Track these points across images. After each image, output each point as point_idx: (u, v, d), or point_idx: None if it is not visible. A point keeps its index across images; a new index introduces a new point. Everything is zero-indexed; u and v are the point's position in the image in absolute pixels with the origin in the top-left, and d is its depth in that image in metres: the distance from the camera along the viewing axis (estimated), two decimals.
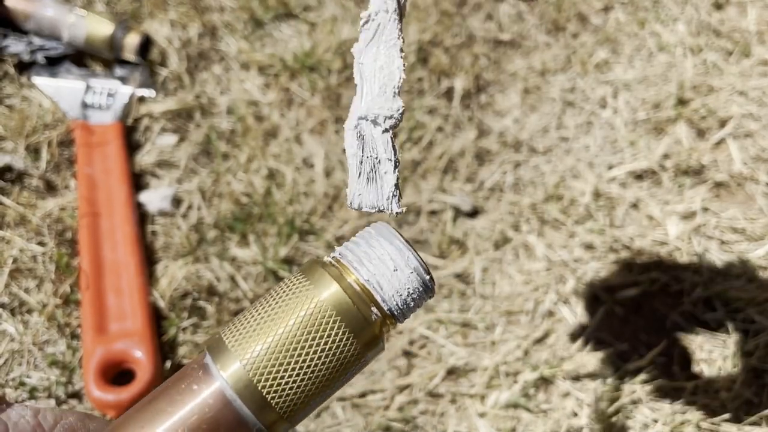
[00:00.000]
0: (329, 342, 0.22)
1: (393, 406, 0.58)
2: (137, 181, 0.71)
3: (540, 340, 0.62)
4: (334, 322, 0.22)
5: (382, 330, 0.24)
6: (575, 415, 0.57)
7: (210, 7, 0.89)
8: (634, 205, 0.71)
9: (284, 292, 0.23)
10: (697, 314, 0.63)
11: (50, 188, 0.69)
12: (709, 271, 0.66)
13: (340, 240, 0.67)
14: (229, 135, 0.76)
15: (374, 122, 0.25)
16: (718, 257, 0.67)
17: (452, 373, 0.60)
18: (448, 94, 0.82)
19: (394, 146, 0.25)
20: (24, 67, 0.78)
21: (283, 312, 0.23)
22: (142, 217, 0.68)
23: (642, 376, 0.59)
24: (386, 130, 0.25)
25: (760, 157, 0.75)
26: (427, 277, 0.24)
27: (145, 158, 0.74)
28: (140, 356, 0.55)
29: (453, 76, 0.83)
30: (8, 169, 0.69)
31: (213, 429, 0.22)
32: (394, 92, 0.25)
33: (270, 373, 0.22)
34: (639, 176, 0.74)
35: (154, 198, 0.69)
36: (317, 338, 0.22)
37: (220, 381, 0.22)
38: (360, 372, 0.24)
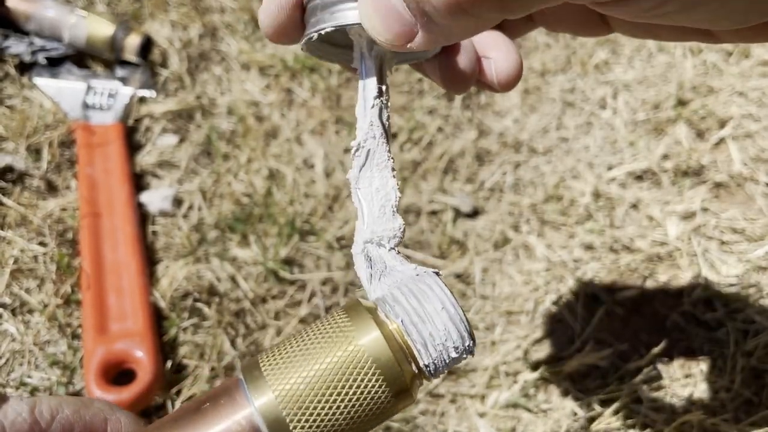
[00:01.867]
0: (362, 388, 0.22)
1: None
2: (138, 182, 0.71)
3: (540, 340, 0.62)
4: (371, 369, 0.22)
5: (414, 382, 0.24)
6: (575, 415, 0.57)
7: (210, 8, 0.90)
8: (634, 206, 0.72)
9: (325, 329, 0.23)
10: (697, 314, 0.64)
11: (51, 189, 0.69)
12: (709, 271, 0.66)
13: (340, 240, 0.67)
14: (229, 135, 0.76)
15: (379, 244, 0.27)
16: (717, 257, 0.67)
17: (452, 373, 0.60)
18: (449, 94, 0.82)
19: (401, 260, 0.26)
20: (25, 68, 0.78)
21: (321, 349, 0.23)
22: (142, 217, 0.68)
23: (642, 376, 0.59)
24: (392, 248, 0.27)
25: (760, 157, 0.75)
26: (469, 342, 0.24)
27: (145, 159, 0.74)
28: (141, 356, 0.55)
29: None
30: (9, 169, 0.69)
31: None
32: (393, 211, 0.27)
33: (300, 409, 0.22)
34: (639, 177, 0.74)
35: (155, 198, 0.69)
36: (351, 382, 0.22)
37: (251, 408, 0.22)
38: (386, 420, 0.24)
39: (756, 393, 0.59)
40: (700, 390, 0.59)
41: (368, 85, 0.28)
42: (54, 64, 0.79)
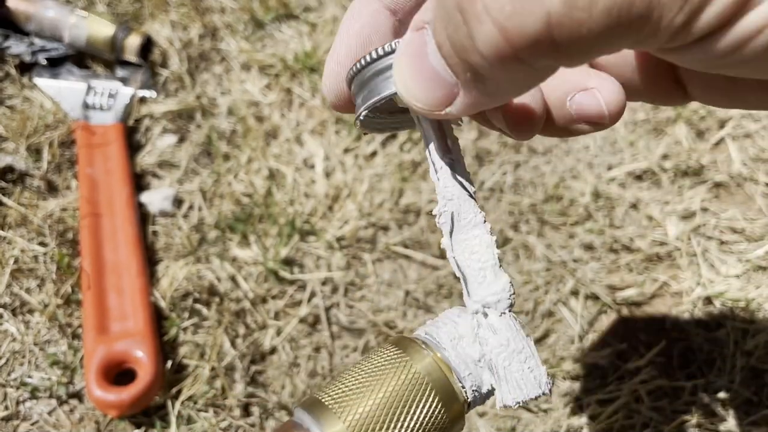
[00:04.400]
0: (423, 410, 0.24)
1: None
2: (138, 182, 0.71)
3: (540, 340, 0.62)
4: (429, 390, 0.24)
5: (464, 408, 0.25)
6: (575, 415, 0.57)
7: (211, 8, 0.90)
8: (634, 206, 0.72)
9: (379, 361, 0.25)
10: (697, 314, 0.64)
11: (51, 189, 0.69)
12: (709, 271, 0.66)
13: (340, 240, 0.67)
14: (229, 135, 0.76)
15: (485, 314, 0.25)
16: (717, 257, 0.67)
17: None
18: None
19: (517, 326, 0.24)
20: (25, 68, 0.79)
21: (381, 378, 0.24)
22: (143, 217, 0.68)
23: (642, 376, 0.59)
24: (502, 314, 0.24)
25: (760, 157, 0.75)
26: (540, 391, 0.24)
27: (146, 159, 0.74)
28: (141, 356, 0.56)
29: None
30: (10, 169, 0.69)
31: None
32: (495, 272, 0.25)
33: None
34: (638, 176, 0.74)
35: (155, 198, 0.69)
36: (413, 405, 0.24)
37: None
38: None
39: (755, 392, 0.59)
40: (700, 390, 0.59)
41: (431, 148, 0.26)
42: (54, 65, 0.79)
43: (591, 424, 0.56)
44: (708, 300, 0.64)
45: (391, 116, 0.28)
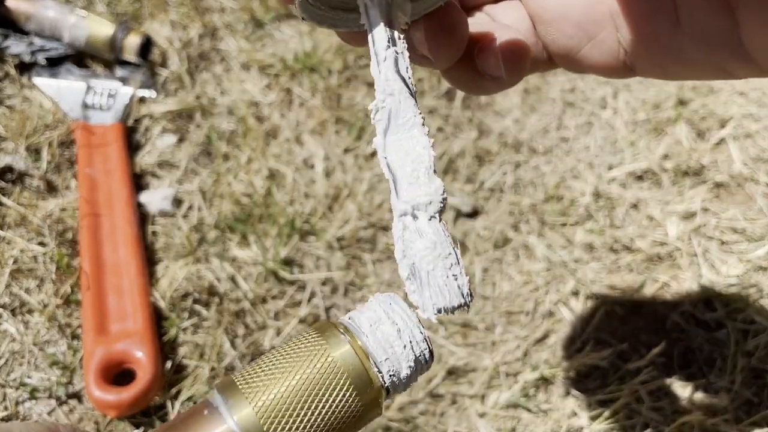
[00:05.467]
0: (336, 398, 0.24)
1: (393, 406, 0.58)
2: (138, 182, 0.71)
3: (540, 341, 0.62)
4: (343, 379, 0.24)
5: (381, 394, 0.25)
6: (575, 415, 0.57)
7: (210, 8, 0.90)
8: (634, 206, 0.71)
9: (298, 346, 0.25)
10: (697, 314, 0.63)
11: (51, 189, 0.69)
12: (709, 271, 0.66)
13: (340, 240, 0.67)
14: (229, 135, 0.76)
15: (414, 215, 0.23)
16: (718, 257, 0.67)
17: (452, 373, 0.60)
18: (449, 94, 0.82)
19: (445, 232, 0.23)
20: (25, 68, 0.78)
21: (296, 363, 0.24)
22: (142, 217, 0.68)
23: (642, 376, 0.59)
24: (432, 218, 0.23)
25: (760, 157, 0.75)
26: (428, 356, 0.25)
27: (145, 159, 0.74)
28: (141, 356, 0.55)
29: None
30: (9, 169, 0.69)
31: None
32: (428, 174, 0.23)
33: (278, 420, 0.23)
34: (639, 177, 0.74)
35: (155, 198, 0.69)
36: (325, 393, 0.24)
37: (230, 423, 0.23)
38: None
39: (756, 393, 0.58)
40: (700, 390, 0.59)
41: (376, 36, 0.24)
42: (54, 64, 0.79)
43: (591, 424, 0.56)
44: (708, 300, 0.64)
45: (332, 11, 0.26)
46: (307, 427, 0.23)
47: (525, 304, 0.64)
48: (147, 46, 0.80)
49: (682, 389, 0.59)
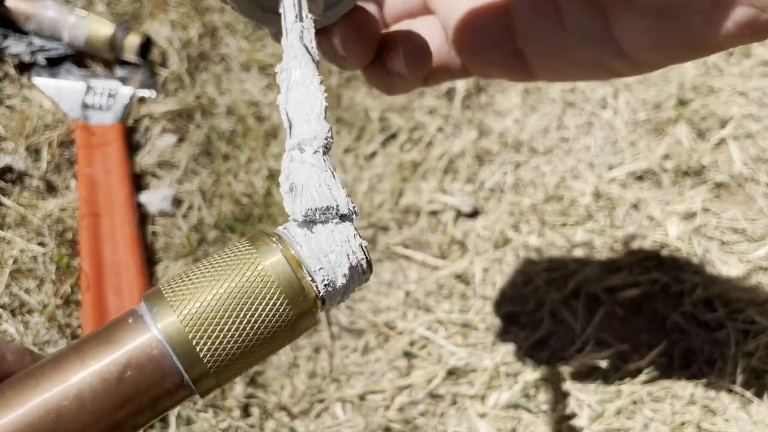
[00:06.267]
0: (266, 307, 0.23)
1: (393, 406, 0.58)
2: (138, 182, 0.71)
3: (540, 341, 0.62)
4: (273, 287, 0.23)
5: (316, 304, 0.24)
6: (575, 415, 0.57)
7: (210, 8, 0.89)
8: (635, 206, 0.71)
9: (228, 255, 0.24)
10: (698, 315, 0.63)
11: (51, 189, 0.69)
12: (710, 271, 0.66)
13: None
14: (229, 135, 0.76)
15: (300, 149, 0.25)
16: (718, 258, 0.67)
17: (452, 373, 0.60)
18: (449, 94, 0.82)
19: (327, 163, 0.25)
20: (24, 68, 0.78)
21: (225, 273, 0.23)
22: (142, 217, 0.68)
23: (642, 377, 0.59)
24: (316, 152, 0.25)
25: (761, 157, 0.75)
26: (365, 265, 0.25)
27: (145, 159, 0.74)
28: None
29: None
30: (9, 169, 0.69)
31: (139, 377, 0.22)
32: (318, 118, 0.25)
33: (205, 329, 0.22)
34: (639, 177, 0.74)
35: (155, 198, 0.69)
36: (255, 302, 0.23)
37: (154, 331, 0.22)
38: (290, 343, 0.25)
39: (757, 393, 0.58)
40: (701, 390, 0.59)
41: (287, 10, 0.27)
42: (53, 64, 0.79)
43: (591, 424, 0.56)
44: (709, 300, 0.64)
45: (259, 9, 0.29)
46: (237, 336, 0.23)
47: (525, 304, 0.64)
48: (147, 46, 0.80)
49: (683, 389, 0.59)
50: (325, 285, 0.24)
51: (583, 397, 0.58)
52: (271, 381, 0.59)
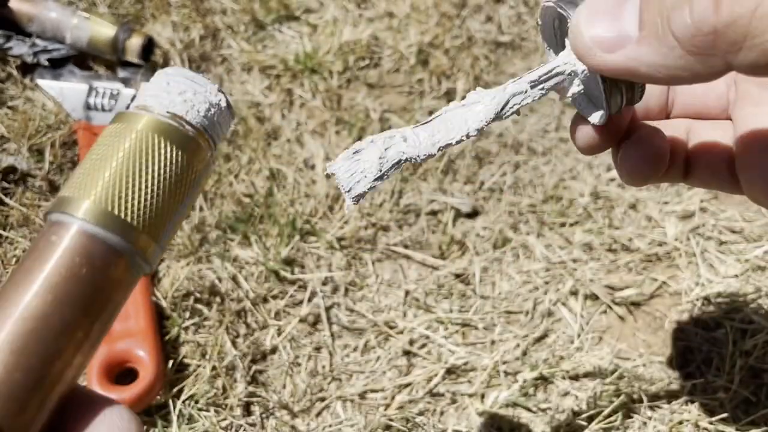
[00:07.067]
0: (160, 158, 0.26)
1: (393, 405, 0.58)
2: None
3: (539, 340, 0.63)
4: (157, 140, 0.26)
5: (200, 138, 0.27)
6: (575, 415, 0.58)
7: (212, 10, 0.90)
8: (633, 206, 0.72)
9: (105, 140, 0.26)
10: (696, 314, 0.64)
11: (53, 189, 0.70)
12: (708, 271, 0.66)
13: (341, 240, 0.68)
14: (230, 136, 0.77)
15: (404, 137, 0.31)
16: (716, 257, 0.67)
17: (452, 372, 0.60)
18: (449, 94, 0.82)
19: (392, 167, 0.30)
20: (27, 69, 0.79)
21: (109, 151, 0.25)
22: None
23: (641, 376, 0.59)
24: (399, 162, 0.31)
25: None
26: (225, 101, 0.28)
27: None
28: (143, 355, 0.56)
29: (453, 78, 0.83)
30: (12, 170, 0.70)
31: (88, 267, 0.23)
32: (434, 145, 0.31)
33: (119, 197, 0.24)
34: None
35: None
36: (149, 158, 0.25)
37: (77, 222, 0.24)
38: (198, 187, 0.27)
39: (754, 392, 0.59)
40: (699, 389, 0.59)
41: (563, 61, 0.29)
42: (56, 66, 0.79)
43: (590, 424, 0.57)
44: (707, 300, 0.65)
45: (590, 103, 0.32)
46: (146, 190, 0.25)
47: (524, 304, 0.65)
48: (149, 47, 0.80)
49: (682, 389, 0.59)
50: (196, 120, 0.27)
51: (582, 397, 0.58)
52: (272, 380, 0.60)
